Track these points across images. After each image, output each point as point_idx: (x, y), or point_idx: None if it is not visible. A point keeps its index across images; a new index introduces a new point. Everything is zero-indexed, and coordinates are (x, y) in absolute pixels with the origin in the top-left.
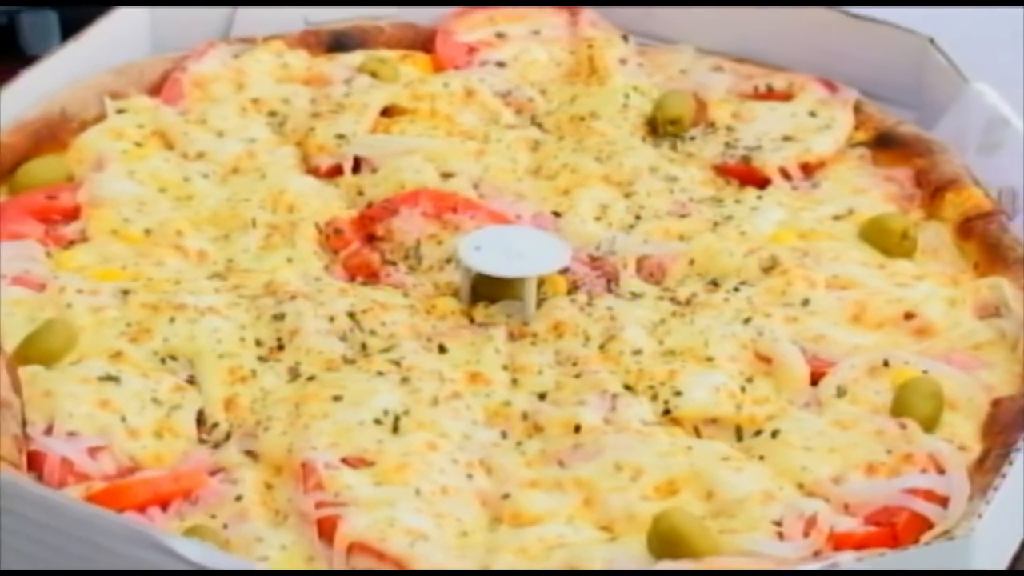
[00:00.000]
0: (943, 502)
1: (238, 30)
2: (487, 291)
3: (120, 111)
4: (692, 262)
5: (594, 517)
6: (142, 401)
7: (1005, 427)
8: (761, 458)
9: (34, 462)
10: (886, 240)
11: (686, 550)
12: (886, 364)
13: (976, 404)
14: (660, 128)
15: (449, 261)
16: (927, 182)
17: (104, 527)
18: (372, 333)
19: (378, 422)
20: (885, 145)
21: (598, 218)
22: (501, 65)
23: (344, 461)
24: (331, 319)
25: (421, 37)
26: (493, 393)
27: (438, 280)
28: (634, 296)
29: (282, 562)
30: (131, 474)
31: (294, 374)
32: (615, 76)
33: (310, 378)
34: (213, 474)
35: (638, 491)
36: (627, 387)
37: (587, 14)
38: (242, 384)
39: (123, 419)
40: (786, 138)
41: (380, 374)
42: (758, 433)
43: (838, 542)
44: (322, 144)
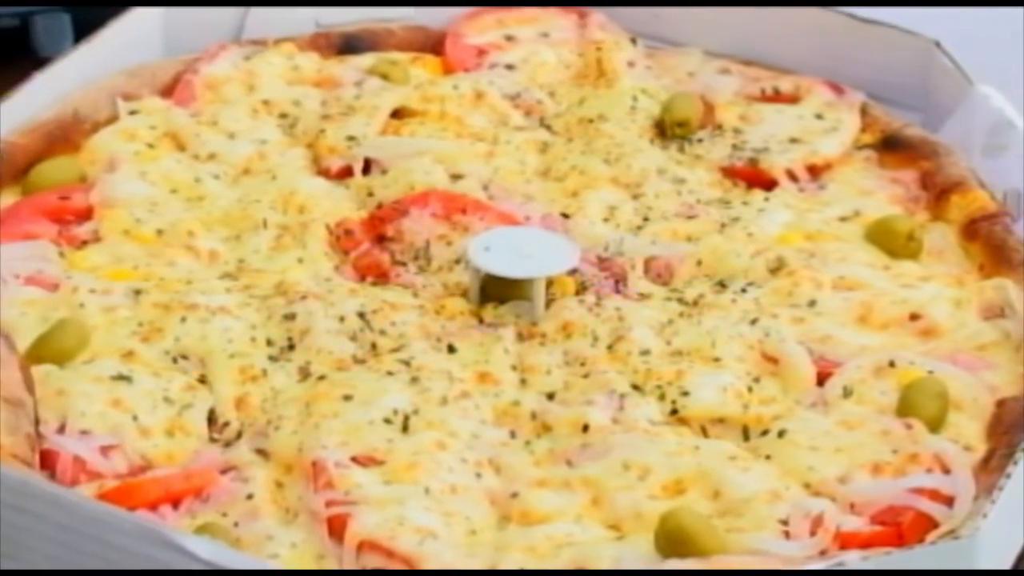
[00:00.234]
0: (948, 502)
1: (249, 32)
2: (496, 292)
3: (132, 113)
4: (699, 263)
5: (602, 516)
6: (154, 400)
7: (1010, 427)
8: (768, 458)
9: (47, 460)
10: (892, 241)
11: (693, 549)
12: (892, 365)
13: (981, 404)
14: (668, 130)
15: (458, 262)
16: (933, 184)
17: (116, 525)
18: (382, 333)
19: (388, 421)
20: (891, 147)
21: (606, 219)
22: (510, 68)
23: (354, 460)
24: (341, 319)
25: (431, 40)
26: (502, 393)
27: (447, 281)
28: (642, 297)
29: (292, 560)
30: (143, 472)
31: (305, 373)
32: (623, 79)
33: (320, 377)
34: (224, 472)
35: (646, 490)
36: (635, 387)
37: (596, 17)
38: (253, 383)
39: (135, 418)
40: (793, 140)
41: (390, 374)
42: (765, 433)
43: (844, 541)
44: (333, 146)
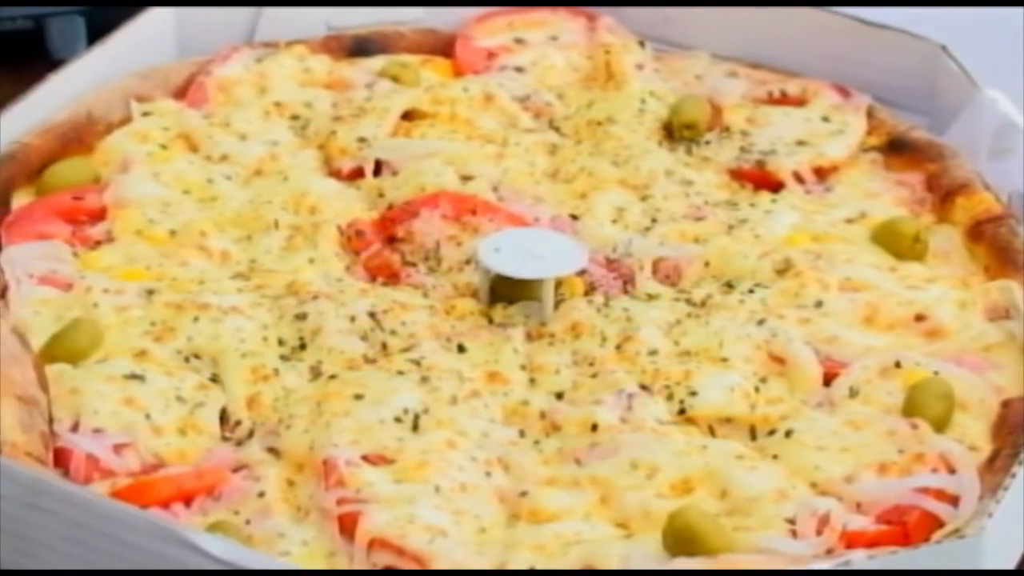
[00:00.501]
0: (954, 501)
1: (261, 35)
2: (505, 292)
3: (145, 114)
4: (707, 264)
5: (610, 514)
6: (166, 399)
7: (1015, 428)
8: (775, 457)
9: (60, 458)
10: (898, 243)
11: (701, 547)
12: (898, 365)
13: (986, 405)
14: (676, 132)
15: (468, 262)
16: (938, 186)
17: (129, 522)
18: (392, 333)
19: (398, 420)
20: (897, 150)
21: (615, 221)
22: (520, 70)
23: (365, 458)
24: (352, 319)
25: (441, 42)
26: (511, 392)
27: (457, 281)
28: (650, 297)
29: (303, 557)
30: (155, 471)
31: (316, 373)
32: (632, 81)
33: (332, 377)
34: (236, 471)
35: (654, 489)
36: (643, 387)
37: (605, 20)
38: (265, 383)
39: (147, 416)
40: (800, 143)
41: (400, 373)
42: (772, 432)
43: (850, 540)
44: (344, 147)
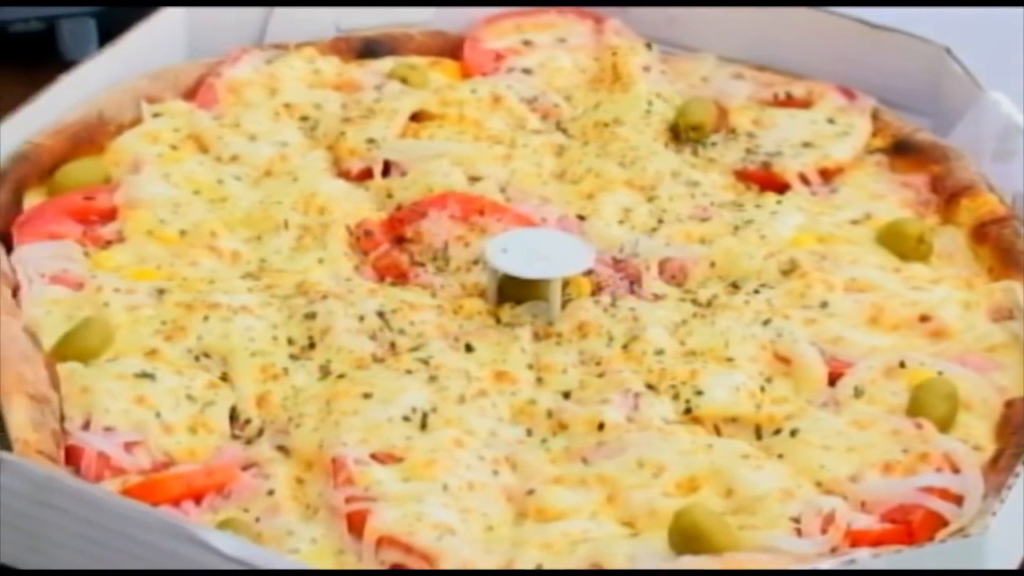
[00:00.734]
0: (958, 500)
1: (271, 36)
2: (513, 292)
3: (156, 115)
4: (713, 265)
5: (617, 513)
6: (176, 397)
7: (1018, 428)
8: (780, 456)
9: (72, 456)
10: (903, 244)
11: (706, 546)
12: (902, 365)
13: (990, 405)
14: (682, 134)
15: (476, 263)
16: (943, 188)
17: (140, 520)
18: (401, 332)
19: (406, 419)
20: (902, 152)
21: (621, 221)
22: (527, 72)
23: (373, 457)
24: (361, 319)
25: (450, 44)
26: (519, 391)
27: (465, 281)
28: (656, 298)
29: (312, 555)
30: (165, 469)
31: (325, 372)
32: (638, 83)
33: (340, 376)
34: (245, 469)
35: (660, 488)
36: (649, 386)
37: (612, 23)
38: (274, 381)
39: (158, 415)
40: (805, 144)
41: (409, 372)
42: (777, 432)
43: (855, 539)
44: (353, 148)
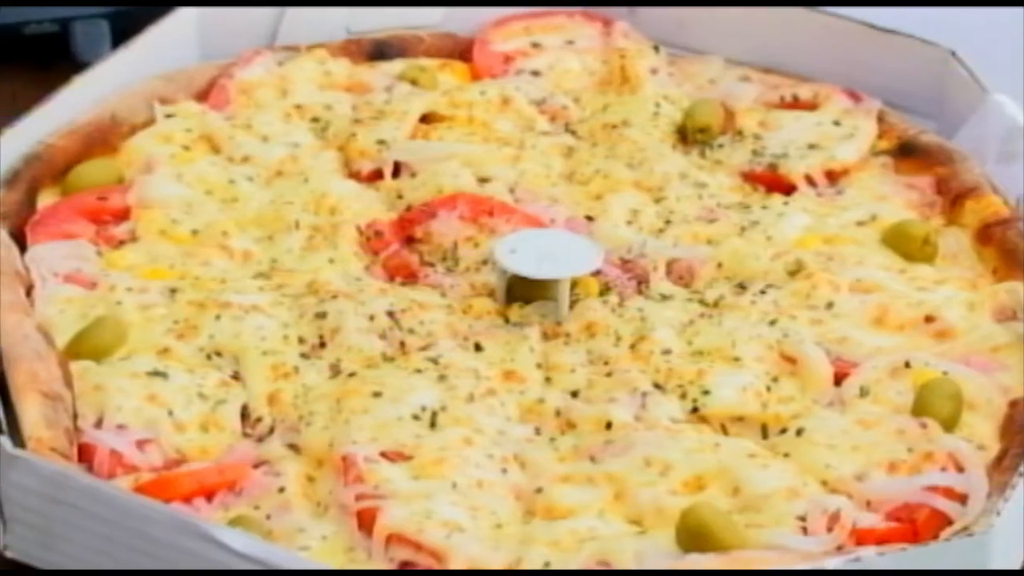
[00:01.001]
0: (962, 499)
1: (283, 38)
2: (522, 292)
3: (169, 116)
4: (720, 265)
5: (624, 511)
6: (188, 396)
7: (1022, 427)
8: (786, 455)
9: (84, 454)
10: (908, 245)
11: (713, 544)
12: (907, 365)
13: (994, 405)
14: (690, 136)
15: (485, 263)
16: (948, 190)
17: (152, 517)
18: (411, 332)
19: (416, 418)
20: (907, 154)
21: (629, 222)
22: (536, 74)
23: (383, 455)
24: (371, 318)
25: (459, 46)
26: (527, 390)
27: (475, 281)
28: (664, 298)
29: (322, 552)
30: (177, 466)
31: (335, 371)
32: (646, 85)
33: (351, 375)
34: (257, 467)
35: (667, 486)
36: (657, 386)
37: (620, 25)
38: (285, 380)
39: (170, 413)
40: (811, 146)
41: (418, 371)
42: (783, 431)
43: (860, 537)
44: (363, 149)
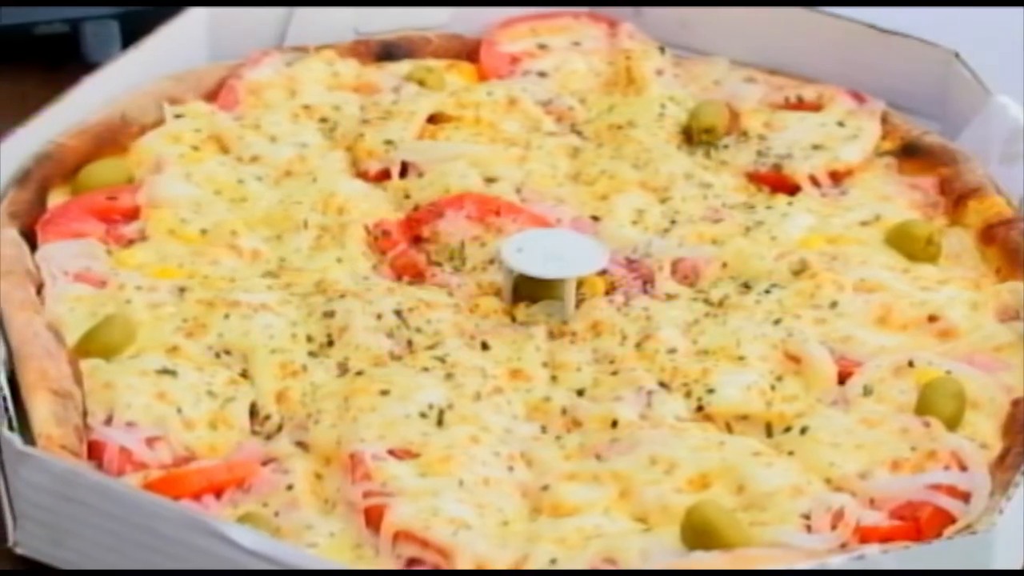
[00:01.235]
0: (965, 498)
1: (291, 39)
2: (528, 291)
3: (178, 116)
4: (725, 265)
5: (630, 509)
6: (197, 394)
7: None
8: (790, 454)
9: (94, 451)
10: (911, 245)
11: (718, 541)
12: (911, 364)
13: (997, 404)
14: (695, 136)
15: (492, 262)
16: (951, 190)
17: (161, 514)
18: (418, 330)
19: (423, 416)
20: (911, 154)
21: (635, 222)
22: (542, 75)
23: (391, 453)
24: (379, 317)
25: (466, 48)
26: (533, 389)
27: (481, 280)
28: (669, 297)
29: (330, 549)
30: (186, 463)
31: (343, 369)
32: (652, 86)
33: (358, 373)
34: (265, 464)
35: (672, 484)
36: (662, 384)
37: (625, 27)
38: (293, 378)
39: (179, 411)
40: (816, 147)
41: (425, 370)
42: (787, 430)
43: (864, 535)
44: (371, 149)
